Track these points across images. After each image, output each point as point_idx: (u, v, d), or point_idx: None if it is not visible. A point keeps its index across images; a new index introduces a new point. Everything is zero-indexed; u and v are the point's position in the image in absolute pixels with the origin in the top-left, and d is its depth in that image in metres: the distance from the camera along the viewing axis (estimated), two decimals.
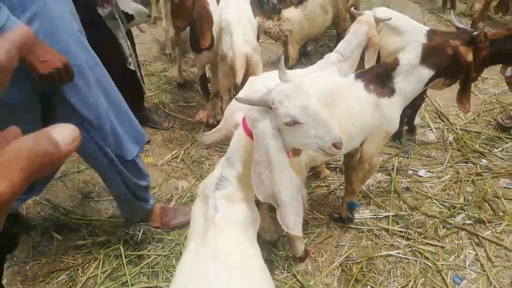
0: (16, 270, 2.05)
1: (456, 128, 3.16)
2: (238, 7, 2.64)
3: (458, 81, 1.95)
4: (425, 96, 3.03)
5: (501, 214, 2.35)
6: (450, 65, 1.85)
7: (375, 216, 2.36)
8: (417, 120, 3.14)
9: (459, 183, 2.60)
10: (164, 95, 3.64)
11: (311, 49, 4.34)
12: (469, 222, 2.30)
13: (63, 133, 0.35)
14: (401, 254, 2.12)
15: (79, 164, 2.77)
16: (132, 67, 2.79)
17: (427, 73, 1.85)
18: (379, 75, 1.89)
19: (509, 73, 2.71)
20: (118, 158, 1.86)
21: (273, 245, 2.15)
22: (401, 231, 2.25)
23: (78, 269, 2.05)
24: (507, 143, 3.00)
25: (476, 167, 2.75)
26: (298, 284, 1.97)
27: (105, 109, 1.75)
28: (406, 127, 3.09)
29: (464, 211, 2.38)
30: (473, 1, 5.22)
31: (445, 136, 3.09)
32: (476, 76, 2.10)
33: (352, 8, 2.49)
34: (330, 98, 1.83)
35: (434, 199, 2.48)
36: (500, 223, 2.29)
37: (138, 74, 3.07)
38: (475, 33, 1.86)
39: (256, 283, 1.03)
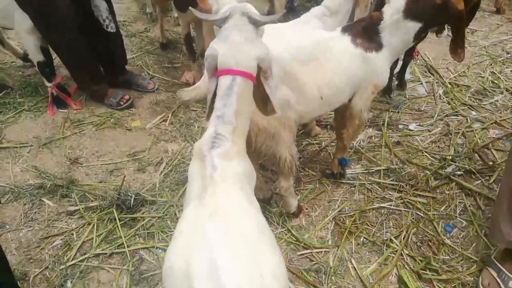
0: (9, 237, 2.02)
1: (446, 82, 3.15)
2: None
3: (451, 31, 1.90)
4: (416, 54, 2.98)
5: (491, 163, 2.39)
6: (439, 15, 1.79)
7: (366, 171, 2.37)
8: (407, 75, 3.11)
9: (450, 136, 2.62)
10: (147, 56, 3.52)
11: (297, 5, 4.20)
12: (459, 173, 2.33)
13: None
14: (393, 206, 2.15)
15: (64, 130, 2.69)
16: (110, 29, 2.68)
17: (413, 26, 1.80)
18: (365, 29, 1.84)
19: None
20: None
21: (267, 203, 2.16)
22: (392, 184, 2.28)
23: (72, 234, 2.03)
24: (495, 95, 3.01)
25: (466, 119, 2.76)
26: (293, 239, 1.99)
27: None
28: (396, 82, 3.07)
29: (455, 162, 2.41)
30: None
31: (435, 89, 3.08)
32: (468, 23, 2.05)
33: None
34: (318, 52, 1.78)
35: (425, 152, 2.50)
36: (491, 175, 2.32)
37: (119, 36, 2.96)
38: None
39: (256, 238, 1.02)
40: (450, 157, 2.44)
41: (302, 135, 2.63)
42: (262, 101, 1.34)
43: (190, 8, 1.37)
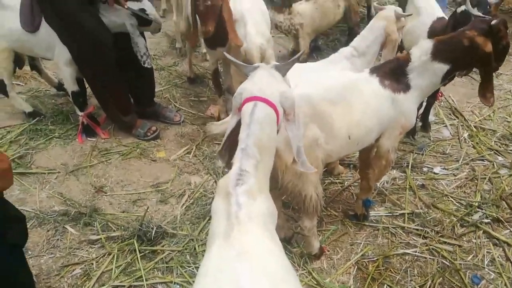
0: (30, 263, 2.04)
1: (471, 125, 3.12)
2: None
3: (479, 74, 1.91)
4: (440, 95, 2.98)
5: None
6: (467, 57, 1.81)
7: (390, 214, 2.33)
8: (431, 117, 3.10)
9: (476, 181, 2.56)
10: (175, 89, 3.62)
11: (322, 44, 4.29)
12: (486, 221, 2.27)
13: None
14: (418, 252, 2.09)
15: (91, 158, 2.76)
16: (147, 65, 2.80)
17: (441, 67, 1.82)
18: (393, 70, 1.87)
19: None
20: None
21: (288, 242, 2.13)
22: (417, 229, 2.23)
23: (92, 264, 2.05)
24: None
25: (493, 164, 2.71)
26: (314, 282, 1.95)
27: None
28: (420, 124, 3.05)
29: (482, 209, 2.34)
30: None
31: (460, 133, 3.05)
32: (497, 66, 2.03)
33: (375, 3, 2.46)
34: (347, 92, 1.81)
35: (451, 197, 2.45)
36: None
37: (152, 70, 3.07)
38: (493, 22, 1.77)
39: (282, 279, 1.01)
40: (476, 204, 2.38)
41: (324, 173, 2.62)
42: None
43: (225, 53, 1.46)
